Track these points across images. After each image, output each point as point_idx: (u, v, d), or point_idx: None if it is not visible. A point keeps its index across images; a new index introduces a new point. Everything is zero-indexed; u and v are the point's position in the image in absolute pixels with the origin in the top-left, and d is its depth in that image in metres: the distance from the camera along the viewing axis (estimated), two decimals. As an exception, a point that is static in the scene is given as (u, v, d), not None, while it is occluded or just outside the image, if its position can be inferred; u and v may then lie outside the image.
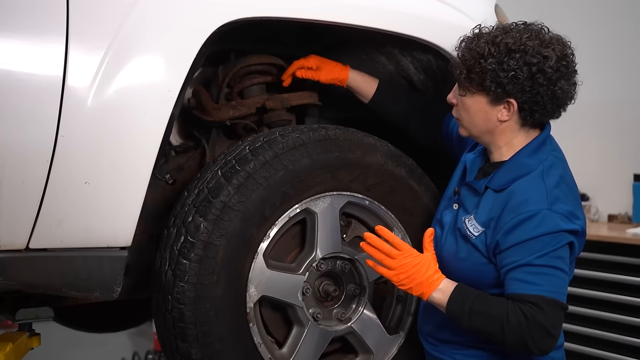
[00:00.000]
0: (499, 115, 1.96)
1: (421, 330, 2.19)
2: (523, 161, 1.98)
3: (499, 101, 1.94)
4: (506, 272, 1.89)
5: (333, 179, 2.14)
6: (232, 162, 2.05)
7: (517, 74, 1.89)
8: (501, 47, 1.90)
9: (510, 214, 1.90)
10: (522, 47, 1.90)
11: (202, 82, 2.48)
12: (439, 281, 1.93)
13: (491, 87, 1.92)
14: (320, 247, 2.16)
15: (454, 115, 2.06)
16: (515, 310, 1.83)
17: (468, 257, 1.98)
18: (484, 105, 1.97)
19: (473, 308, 1.88)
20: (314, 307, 2.17)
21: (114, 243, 1.93)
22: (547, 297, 1.83)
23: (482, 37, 1.96)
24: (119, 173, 1.89)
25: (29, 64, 1.80)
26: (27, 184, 1.80)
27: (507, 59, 1.90)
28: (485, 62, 1.91)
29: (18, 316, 2.23)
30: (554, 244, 1.86)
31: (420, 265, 1.93)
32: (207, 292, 1.98)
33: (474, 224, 1.98)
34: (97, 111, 1.84)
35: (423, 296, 1.94)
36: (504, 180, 1.97)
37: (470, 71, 1.94)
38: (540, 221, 1.86)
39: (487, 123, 1.98)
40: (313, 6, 2.12)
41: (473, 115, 2.00)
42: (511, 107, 1.94)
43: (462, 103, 2.01)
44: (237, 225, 2.00)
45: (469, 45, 1.97)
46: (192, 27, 1.96)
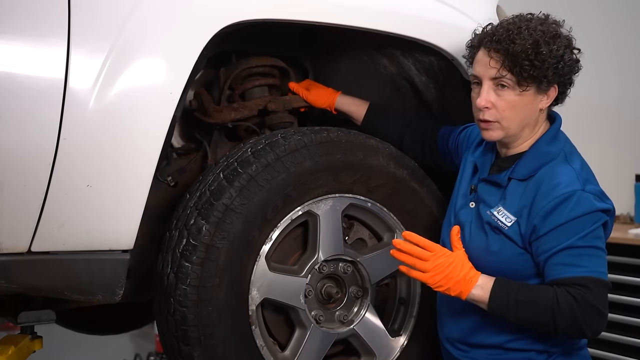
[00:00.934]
0: (540, 104, 1.96)
1: (448, 336, 2.14)
2: (544, 149, 1.97)
3: (547, 89, 1.94)
4: (547, 258, 1.87)
5: (335, 181, 2.14)
6: (234, 165, 2.05)
7: (564, 59, 1.91)
8: (547, 35, 1.90)
9: (545, 199, 1.88)
10: (555, 33, 1.92)
11: (204, 84, 2.48)
12: (477, 277, 1.90)
13: (547, 75, 1.90)
14: (323, 249, 2.15)
15: (489, 118, 1.96)
16: (564, 294, 1.80)
17: (501, 249, 1.95)
18: (531, 97, 1.94)
19: (519, 299, 1.84)
20: (316, 309, 2.17)
21: (116, 246, 1.92)
22: (594, 277, 1.82)
23: (521, 26, 1.92)
24: (121, 176, 1.89)
25: (31, 66, 1.80)
26: (29, 187, 1.80)
27: (556, 46, 1.90)
28: (546, 47, 1.88)
29: (20, 319, 2.23)
30: (592, 224, 1.85)
31: (455, 264, 1.90)
32: (209, 295, 1.97)
33: (505, 214, 1.96)
34: (99, 114, 1.84)
35: (462, 295, 1.89)
36: (529, 168, 1.96)
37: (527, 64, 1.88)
38: (577, 202, 1.85)
39: (531, 115, 1.96)
40: (314, 8, 2.12)
41: (520, 110, 1.94)
42: (551, 94, 1.94)
43: (507, 101, 1.93)
44: (239, 228, 1.99)
45: (512, 37, 1.90)
46: (194, 29, 1.96)
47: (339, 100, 2.46)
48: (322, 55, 2.59)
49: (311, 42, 2.52)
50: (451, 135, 2.31)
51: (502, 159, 2.05)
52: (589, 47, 2.34)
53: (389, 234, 2.28)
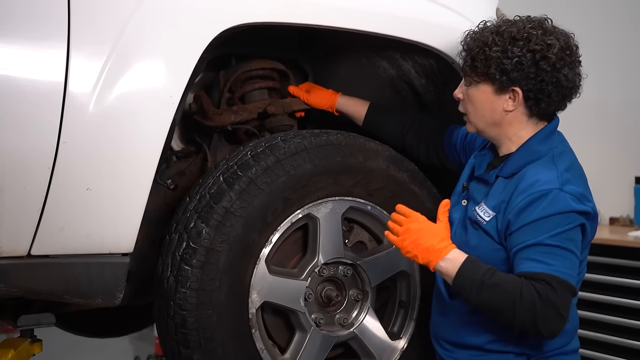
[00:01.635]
0: (504, 105, 1.96)
1: (435, 334, 2.14)
2: (533, 148, 1.98)
3: (504, 90, 1.94)
4: (517, 252, 1.87)
5: (335, 184, 2.14)
6: (233, 168, 2.05)
7: (521, 60, 1.90)
8: (505, 36, 1.93)
9: (521, 195, 1.89)
10: (525, 35, 1.92)
11: (204, 87, 2.48)
12: (447, 249, 1.89)
13: (495, 75, 1.93)
14: (323, 252, 2.15)
15: (460, 110, 2.05)
16: (529, 287, 1.79)
17: (479, 244, 1.96)
18: (489, 95, 1.97)
19: (484, 280, 1.83)
20: (316, 312, 2.17)
21: (116, 249, 1.93)
22: (560, 277, 1.80)
23: (486, 28, 1.99)
24: (121, 179, 1.89)
25: (31, 70, 1.81)
26: (29, 191, 1.80)
27: (511, 46, 1.91)
28: (489, 50, 1.92)
29: (20, 322, 2.23)
30: (565, 224, 1.84)
31: (424, 230, 1.92)
32: (209, 298, 1.97)
33: (484, 209, 1.97)
34: (99, 117, 1.84)
35: (430, 265, 1.89)
36: (514, 166, 1.97)
37: (474, 60, 1.96)
38: (552, 201, 1.85)
39: (494, 114, 1.98)
40: (313, 11, 2.12)
41: (479, 106, 1.99)
42: (516, 96, 1.94)
43: (467, 95, 2.01)
44: (239, 231, 1.99)
45: (473, 36, 1.99)
46: (194, 32, 1.96)
47: (339, 101, 2.46)
48: (321, 58, 2.58)
49: (311, 45, 2.52)
50: (459, 136, 2.32)
51: (497, 158, 2.07)
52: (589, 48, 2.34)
53: (389, 237, 2.27)
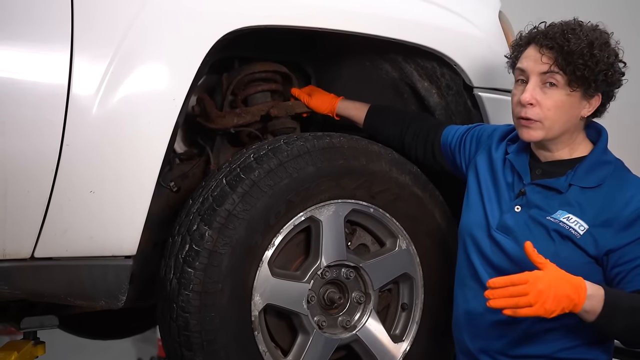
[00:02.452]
0: (583, 111, 1.92)
1: (487, 347, 2.04)
2: (603, 158, 1.95)
3: (591, 96, 1.91)
4: (633, 268, 1.81)
5: (337, 187, 2.14)
6: (236, 170, 2.05)
7: (615, 67, 1.90)
8: (600, 40, 1.88)
9: (626, 209, 1.84)
10: (607, 41, 1.91)
11: (207, 89, 2.48)
12: (584, 285, 1.73)
13: (597, 80, 1.87)
14: (325, 254, 2.15)
15: (532, 116, 1.91)
16: None
17: (571, 256, 1.87)
18: (577, 100, 1.90)
19: (633, 305, 1.74)
20: (318, 315, 2.17)
21: (119, 252, 1.93)
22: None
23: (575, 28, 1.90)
24: (124, 182, 1.89)
25: (34, 72, 1.80)
26: (32, 194, 1.80)
27: (608, 53, 1.89)
28: (598, 51, 1.86)
29: (23, 324, 2.23)
30: None
31: (557, 281, 1.71)
32: (212, 301, 1.97)
33: (577, 221, 1.89)
34: (102, 120, 1.85)
35: (576, 309, 1.72)
36: (595, 177, 1.92)
37: (583, 57, 1.86)
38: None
39: (573, 120, 1.92)
40: (316, 14, 2.13)
41: (565, 112, 1.90)
42: (594, 103, 1.92)
43: (552, 100, 1.89)
44: (242, 234, 2.00)
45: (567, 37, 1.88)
46: (197, 35, 1.96)
47: (340, 106, 2.46)
48: (324, 61, 2.59)
49: (313, 47, 2.53)
50: (455, 134, 2.28)
51: (546, 163, 2.00)
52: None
53: (392, 239, 2.28)
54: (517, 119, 1.96)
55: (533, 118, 1.91)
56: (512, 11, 2.51)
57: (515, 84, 1.98)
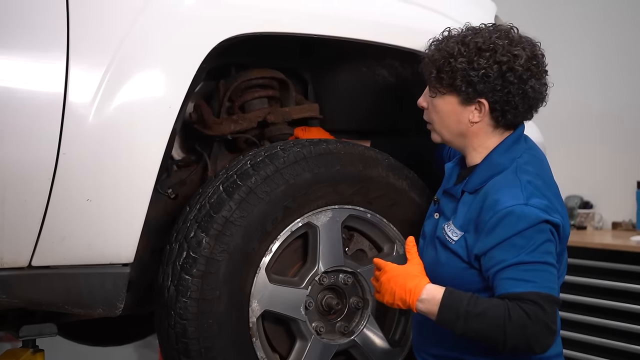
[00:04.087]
0: (470, 116, 1.95)
1: (416, 346, 2.13)
2: (496, 160, 1.95)
3: (470, 101, 1.93)
4: (495, 273, 1.82)
5: (334, 193, 2.15)
6: (233, 177, 2.05)
7: (487, 73, 1.88)
8: (471, 46, 1.90)
9: (488, 213, 1.85)
10: (491, 46, 1.90)
11: (204, 96, 2.48)
12: (419, 288, 1.82)
13: (462, 87, 1.91)
14: (323, 260, 2.16)
15: (425, 119, 2.05)
16: (516, 309, 1.75)
17: (448, 262, 1.93)
18: (455, 106, 1.95)
19: (469, 311, 1.77)
20: (316, 320, 2.17)
21: (117, 259, 1.93)
22: (544, 293, 1.77)
23: (451, 38, 1.97)
24: (121, 190, 1.90)
25: (30, 81, 1.81)
26: (29, 202, 1.81)
27: (477, 57, 1.89)
28: (455, 61, 1.90)
29: (22, 333, 2.23)
30: (538, 237, 1.80)
31: (395, 278, 1.86)
32: (209, 308, 1.98)
33: (452, 229, 1.95)
34: (99, 128, 1.85)
35: (411, 308, 1.84)
36: (478, 180, 1.94)
37: (440, 71, 1.94)
38: (520, 216, 1.80)
39: (459, 125, 1.97)
40: (312, 21, 2.13)
41: (444, 117, 1.98)
42: (482, 108, 1.93)
43: (432, 105, 2.00)
44: (239, 240, 2.00)
45: (438, 46, 1.97)
46: (193, 43, 1.97)
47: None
48: (321, 67, 2.59)
49: (310, 54, 2.53)
50: (443, 153, 2.34)
51: (465, 169, 2.05)
52: (591, 52, 2.38)
53: (389, 244, 2.28)
54: None
55: (427, 121, 2.05)
56: (511, 10, 2.52)
57: None
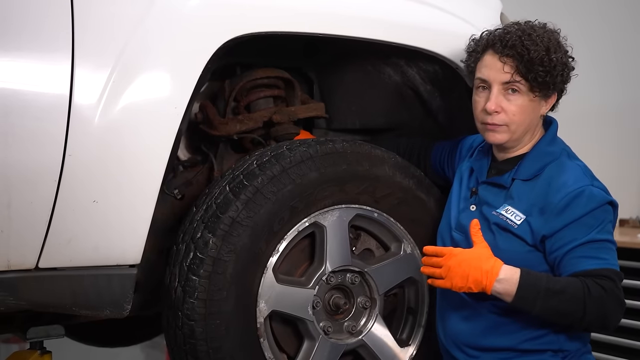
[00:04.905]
0: (542, 110, 2.01)
1: (455, 340, 2.10)
2: (546, 149, 2.02)
3: (550, 96, 1.99)
4: (566, 252, 1.88)
5: (341, 192, 2.14)
6: (239, 177, 2.05)
7: (568, 66, 1.98)
8: (552, 41, 1.97)
9: (557, 195, 1.91)
10: (558, 41, 1.98)
11: (209, 96, 2.48)
12: (496, 269, 1.84)
13: (556, 82, 1.96)
14: (330, 260, 2.15)
15: (498, 122, 1.98)
16: (594, 284, 1.81)
17: (510, 247, 1.95)
18: (537, 102, 1.99)
19: (549, 288, 1.82)
20: (324, 320, 2.16)
21: (123, 261, 1.93)
22: (615, 269, 1.86)
23: (531, 33, 1.96)
24: (127, 191, 1.89)
25: (35, 84, 1.81)
26: (35, 205, 1.81)
27: (561, 53, 1.97)
28: (554, 55, 1.94)
29: (29, 335, 2.23)
30: (604, 217, 1.89)
31: (467, 261, 1.85)
32: (217, 308, 1.98)
33: (514, 212, 1.97)
34: (104, 130, 1.85)
35: (486, 290, 1.84)
36: (534, 168, 1.99)
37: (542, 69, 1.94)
38: (590, 197, 1.89)
39: (535, 120, 2.02)
40: (317, 20, 2.13)
41: (528, 115, 1.99)
42: (551, 101, 2.00)
43: (517, 106, 1.97)
44: (246, 241, 2.00)
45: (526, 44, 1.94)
46: (197, 43, 1.97)
47: None
48: (326, 66, 2.58)
49: (315, 53, 2.52)
50: (442, 150, 2.35)
51: (501, 162, 2.08)
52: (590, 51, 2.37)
53: (396, 243, 2.27)
54: (480, 124, 2.03)
55: (499, 123, 2.00)
56: (510, 11, 2.51)
57: (476, 90, 2.04)
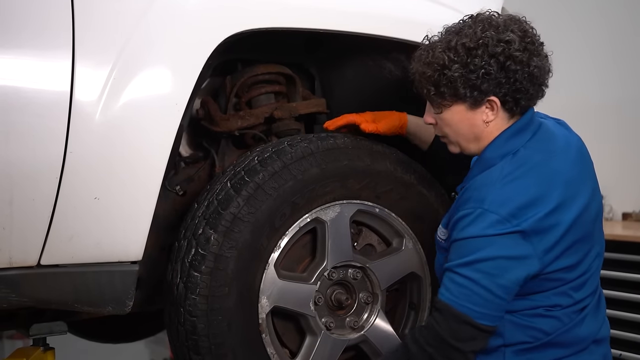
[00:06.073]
0: (483, 117, 1.84)
1: None
2: (487, 155, 1.87)
3: (480, 103, 1.83)
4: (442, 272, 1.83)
5: (342, 188, 2.14)
6: (241, 174, 2.05)
7: (487, 70, 1.78)
8: (460, 50, 1.79)
9: (457, 212, 1.81)
10: (481, 42, 1.79)
11: (210, 92, 2.48)
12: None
13: (466, 93, 1.81)
14: (332, 256, 2.15)
15: (437, 134, 1.96)
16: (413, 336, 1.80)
17: (443, 262, 1.88)
18: (465, 113, 1.85)
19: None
20: (326, 316, 2.17)
21: (125, 257, 1.93)
22: (453, 307, 1.74)
23: (435, 48, 1.84)
24: (128, 187, 1.90)
25: (36, 81, 1.81)
26: (37, 201, 1.81)
27: (471, 58, 1.78)
28: (450, 70, 1.80)
29: (32, 331, 2.23)
30: (480, 252, 1.73)
31: None
32: (219, 304, 1.98)
33: (440, 228, 1.92)
34: (105, 126, 1.85)
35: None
36: (468, 178, 1.90)
37: (438, 86, 1.83)
38: (471, 221, 1.75)
39: (474, 129, 1.87)
40: (317, 15, 2.13)
41: (457, 126, 1.88)
42: (494, 105, 1.82)
43: (441, 120, 1.89)
44: (247, 237, 2.00)
45: (425, 60, 1.85)
46: (198, 39, 1.97)
47: (410, 120, 2.32)
48: (327, 62, 2.58)
49: (316, 48, 2.52)
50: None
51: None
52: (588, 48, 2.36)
53: (398, 239, 2.28)
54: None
55: (438, 135, 1.96)
56: (512, 8, 2.50)
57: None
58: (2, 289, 1.83)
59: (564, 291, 1.82)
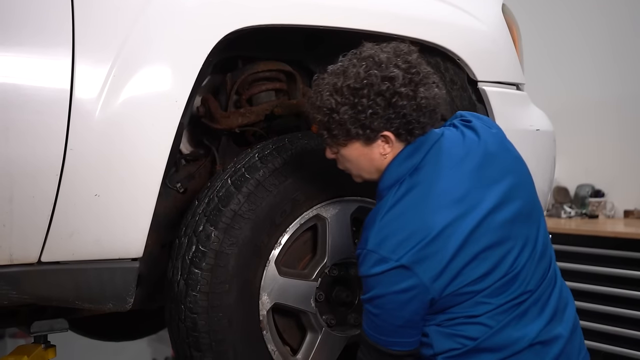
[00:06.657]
0: (380, 150, 1.84)
1: None
2: (379, 187, 1.88)
3: (374, 139, 1.82)
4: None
5: (342, 184, 2.13)
6: (241, 171, 2.05)
7: (375, 110, 1.77)
8: (345, 92, 1.79)
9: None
10: (365, 82, 1.78)
11: (211, 89, 2.48)
12: None
13: (358, 132, 1.80)
14: (332, 252, 2.16)
15: (340, 168, 1.94)
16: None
17: None
18: (361, 149, 1.84)
19: None
20: (327, 313, 2.17)
21: (126, 254, 1.93)
22: (368, 338, 1.83)
23: (323, 90, 1.83)
24: (128, 184, 1.89)
25: (36, 78, 1.80)
26: (37, 199, 1.81)
27: (358, 99, 1.78)
28: (338, 114, 1.79)
29: (33, 329, 2.23)
30: (372, 289, 1.78)
31: None
32: (219, 301, 1.98)
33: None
34: (105, 124, 1.85)
35: None
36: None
37: (330, 129, 1.83)
38: (361, 262, 1.80)
39: (373, 162, 1.86)
40: (318, 12, 2.12)
41: (357, 162, 1.88)
42: (388, 139, 1.82)
43: (341, 157, 1.89)
44: (248, 234, 2.00)
45: (314, 105, 1.85)
46: (198, 36, 1.96)
47: None
48: (328, 59, 2.57)
49: (317, 45, 2.52)
50: None
51: None
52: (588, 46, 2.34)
53: (399, 235, 2.27)
54: None
55: (341, 168, 1.94)
56: (512, 8, 2.51)
57: None
58: (3, 286, 1.83)
59: (478, 301, 1.80)
